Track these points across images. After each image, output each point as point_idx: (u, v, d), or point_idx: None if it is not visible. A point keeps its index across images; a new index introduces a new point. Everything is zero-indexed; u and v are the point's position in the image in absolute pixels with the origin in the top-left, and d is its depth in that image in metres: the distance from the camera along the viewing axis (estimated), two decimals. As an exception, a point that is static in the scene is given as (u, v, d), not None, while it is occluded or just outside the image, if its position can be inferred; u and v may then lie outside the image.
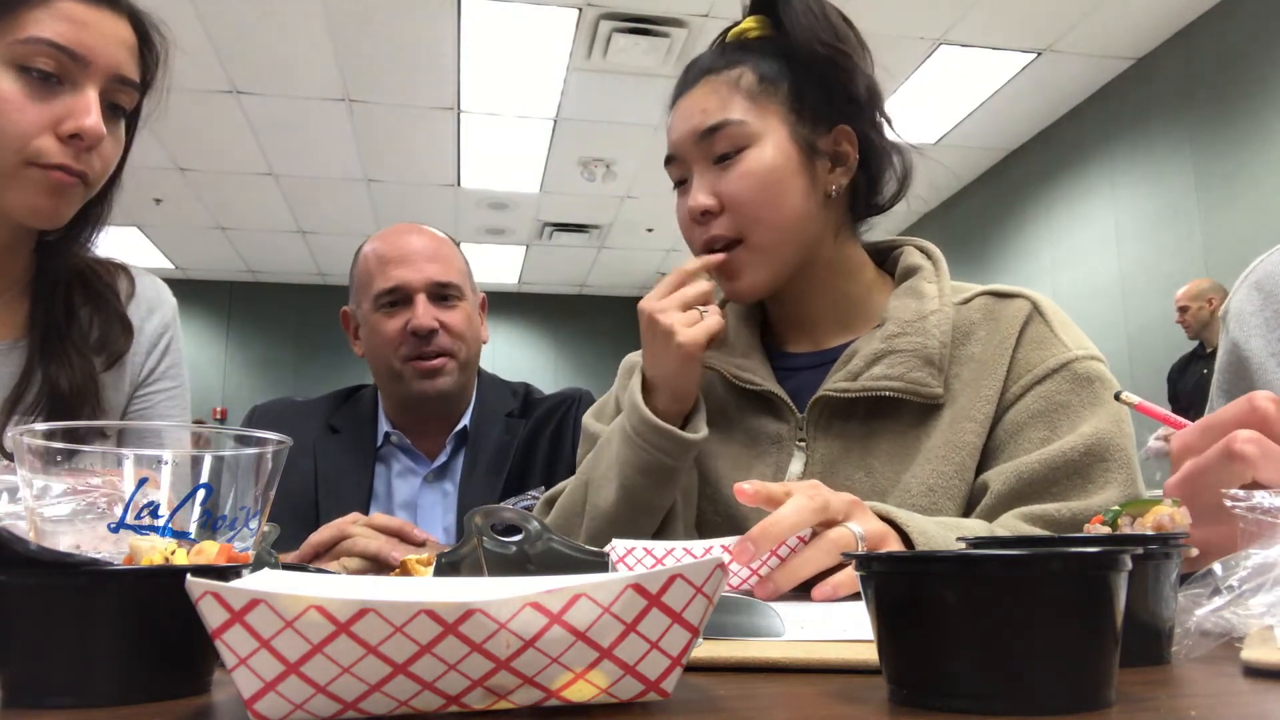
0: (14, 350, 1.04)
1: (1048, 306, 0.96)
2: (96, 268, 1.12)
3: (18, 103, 0.93)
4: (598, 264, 8.45)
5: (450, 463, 1.50)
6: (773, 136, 0.95)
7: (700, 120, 0.97)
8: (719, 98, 0.97)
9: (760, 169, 0.95)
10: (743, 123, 0.95)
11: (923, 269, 1.01)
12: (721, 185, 0.96)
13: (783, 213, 0.95)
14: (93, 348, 1.07)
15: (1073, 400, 0.89)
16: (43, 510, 0.50)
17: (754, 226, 0.95)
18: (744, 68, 0.98)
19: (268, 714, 0.35)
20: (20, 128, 0.93)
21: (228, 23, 4.36)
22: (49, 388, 1.02)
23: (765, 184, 0.94)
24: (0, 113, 0.92)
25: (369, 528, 1.12)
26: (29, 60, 0.93)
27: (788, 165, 0.95)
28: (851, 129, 0.98)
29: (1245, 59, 4.29)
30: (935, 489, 0.89)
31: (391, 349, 1.43)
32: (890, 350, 0.94)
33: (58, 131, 0.94)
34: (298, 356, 8.79)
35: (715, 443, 1.02)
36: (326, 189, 6.51)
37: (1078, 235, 5.46)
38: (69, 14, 0.95)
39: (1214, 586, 0.47)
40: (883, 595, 0.40)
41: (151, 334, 1.16)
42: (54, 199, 0.96)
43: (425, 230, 1.50)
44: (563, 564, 0.64)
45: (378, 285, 1.43)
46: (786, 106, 0.97)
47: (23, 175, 0.94)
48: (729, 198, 0.96)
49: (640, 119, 5.43)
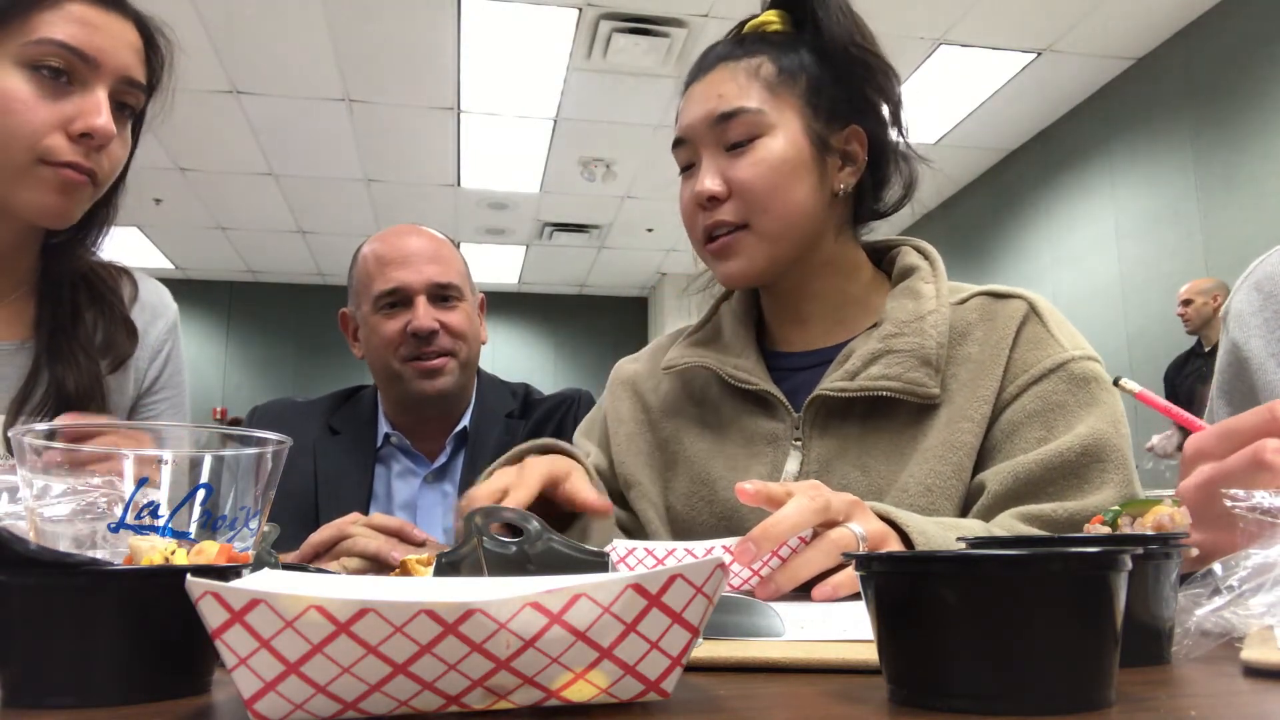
0: (20, 351, 1.05)
1: (1044, 307, 0.96)
2: (100, 271, 1.13)
3: (30, 102, 0.94)
4: (598, 264, 8.45)
5: (450, 463, 1.50)
6: (787, 128, 0.96)
7: (716, 105, 0.97)
8: (737, 85, 0.97)
9: (773, 158, 0.95)
10: (759, 111, 0.95)
11: (920, 269, 1.01)
12: (732, 171, 0.96)
13: (790, 204, 0.95)
14: (98, 350, 1.08)
15: (1069, 401, 0.89)
16: (43, 510, 0.50)
17: (760, 215, 0.95)
18: (764, 58, 0.98)
19: (268, 714, 0.35)
20: (32, 126, 0.94)
21: (228, 23, 4.36)
22: (55, 388, 1.03)
23: (776, 173, 0.95)
24: (12, 112, 0.94)
25: (369, 528, 1.12)
26: (40, 61, 0.94)
27: (799, 158, 0.95)
28: (864, 130, 0.99)
29: (1245, 59, 4.29)
30: (933, 489, 0.89)
31: (391, 350, 1.43)
32: (888, 350, 0.94)
33: (68, 131, 0.96)
34: (298, 356, 8.79)
35: (711, 443, 1.02)
36: (326, 189, 6.51)
37: (1078, 235, 5.46)
38: (79, 16, 0.96)
39: (1214, 586, 0.47)
40: (883, 595, 0.40)
41: (155, 341, 1.17)
42: (64, 197, 0.98)
43: (424, 231, 1.50)
44: (563, 564, 0.64)
45: (377, 287, 1.43)
46: (803, 100, 0.97)
47: (34, 173, 0.96)
48: (739, 184, 0.95)
49: (640, 119, 5.43)
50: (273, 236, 7.55)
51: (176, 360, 1.20)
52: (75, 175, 0.97)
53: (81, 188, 0.98)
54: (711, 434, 1.01)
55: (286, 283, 8.84)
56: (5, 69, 0.94)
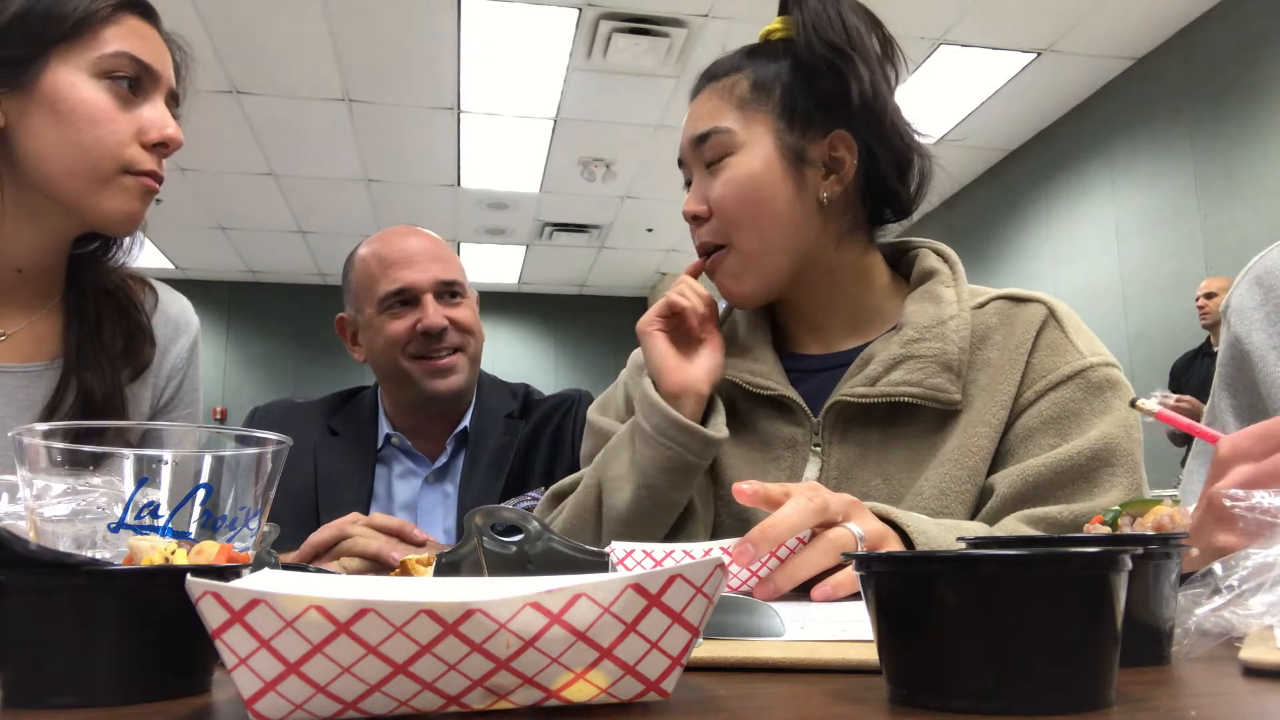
0: (49, 370, 1.06)
1: (1063, 311, 0.95)
2: (121, 282, 1.13)
3: (111, 113, 0.97)
4: (598, 264, 8.45)
5: (450, 464, 1.50)
6: (758, 145, 0.96)
7: (694, 127, 1.00)
8: (712, 106, 0.99)
9: (741, 176, 0.96)
10: (729, 131, 0.97)
11: (940, 272, 1.00)
12: (709, 191, 0.98)
13: (764, 220, 0.96)
14: (119, 359, 1.09)
15: (1084, 409, 0.89)
16: (43, 510, 0.50)
17: (736, 232, 0.97)
18: (741, 75, 0.99)
19: (268, 714, 0.35)
20: (117, 137, 0.98)
21: (228, 23, 4.36)
22: (84, 395, 1.04)
23: (745, 190, 0.96)
24: (98, 123, 0.96)
25: (369, 528, 1.12)
26: (115, 72, 0.97)
27: (769, 172, 0.95)
28: (851, 134, 0.96)
29: (1245, 59, 4.29)
30: (947, 492, 0.88)
31: (399, 349, 1.43)
32: (909, 355, 0.93)
33: (143, 140, 0.99)
34: (298, 356, 8.79)
35: (729, 446, 1.01)
36: (326, 189, 6.51)
37: (1078, 235, 5.46)
38: (137, 30, 1.00)
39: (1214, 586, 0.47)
40: (883, 595, 0.40)
41: (177, 357, 1.17)
42: (143, 205, 1.02)
43: (422, 231, 1.51)
44: (563, 564, 0.64)
45: (383, 288, 1.43)
46: (775, 114, 0.97)
47: (118, 182, 0.99)
48: (714, 203, 0.97)
49: (640, 119, 5.43)
50: (273, 236, 7.55)
51: (194, 378, 1.21)
52: (154, 184, 1.01)
53: (153, 196, 1.03)
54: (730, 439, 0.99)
55: (286, 283, 8.84)
56: (84, 81, 0.96)
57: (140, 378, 1.11)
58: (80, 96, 0.96)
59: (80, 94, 0.96)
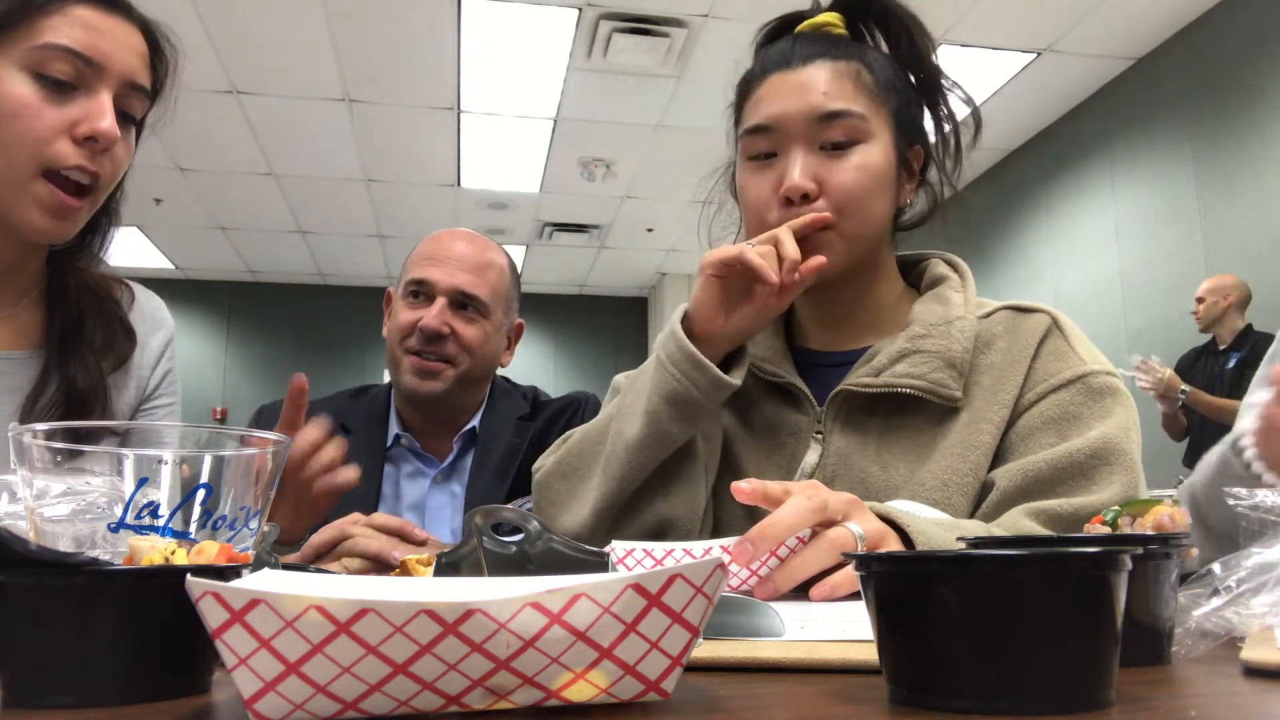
0: (30, 360, 1.06)
1: (1066, 323, 0.98)
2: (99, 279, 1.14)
3: (35, 107, 0.94)
4: (598, 264, 8.45)
5: (458, 463, 1.50)
6: (883, 138, 0.97)
7: (821, 102, 0.95)
8: (841, 85, 0.96)
9: (872, 166, 0.96)
10: (864, 118, 0.96)
11: (949, 279, 1.04)
12: (827, 172, 0.95)
13: (874, 212, 0.97)
14: (101, 350, 1.09)
15: (1084, 412, 0.91)
16: (43, 510, 0.50)
17: (850, 218, 0.95)
18: (861, 64, 0.98)
19: (268, 714, 0.35)
20: (38, 133, 0.94)
21: (228, 23, 4.36)
22: (66, 387, 1.03)
23: (873, 181, 0.96)
24: (18, 118, 0.93)
25: (370, 528, 1.12)
26: (45, 66, 0.94)
27: (888, 169, 0.98)
28: (924, 151, 1.03)
29: (1245, 59, 4.29)
30: (949, 484, 0.90)
31: (400, 336, 1.45)
32: (914, 350, 0.95)
33: (73, 134, 0.95)
34: (298, 356, 8.77)
35: (734, 429, 1.03)
36: (326, 189, 6.51)
37: (1078, 235, 5.45)
38: (84, 20, 0.96)
39: (1214, 586, 0.47)
40: (883, 595, 0.40)
41: (155, 350, 1.19)
42: (57, 220, 0.97)
43: (478, 240, 1.51)
44: (563, 564, 0.64)
45: (410, 274, 1.47)
46: (893, 113, 0.99)
47: (30, 190, 0.95)
48: (835, 186, 0.95)
49: (640, 119, 5.43)
50: (273, 236, 7.55)
51: (174, 372, 1.23)
52: (71, 200, 0.97)
53: (75, 212, 0.98)
54: (736, 423, 1.03)
55: (286, 282, 8.83)
56: (10, 74, 0.94)
57: (123, 368, 1.12)
58: (2, 91, 0.92)
59: (3, 88, 0.93)
